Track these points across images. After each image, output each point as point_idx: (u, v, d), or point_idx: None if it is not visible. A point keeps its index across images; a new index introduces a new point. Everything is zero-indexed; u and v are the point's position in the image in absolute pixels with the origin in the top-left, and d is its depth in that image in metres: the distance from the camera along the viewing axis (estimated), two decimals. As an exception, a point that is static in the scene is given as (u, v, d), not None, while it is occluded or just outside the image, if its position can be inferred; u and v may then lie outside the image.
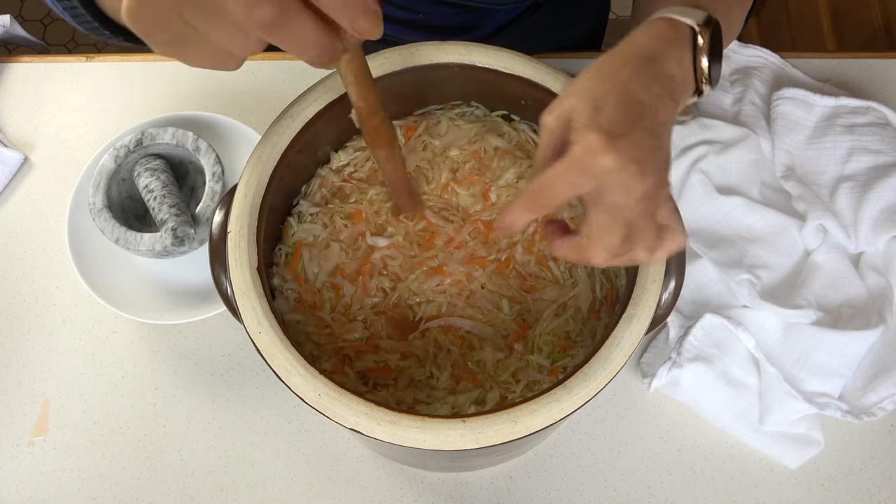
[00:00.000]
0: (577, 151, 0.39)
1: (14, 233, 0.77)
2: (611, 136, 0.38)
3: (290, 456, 0.68)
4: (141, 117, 0.81)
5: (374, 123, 0.47)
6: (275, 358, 0.45)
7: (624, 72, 0.41)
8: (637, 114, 0.40)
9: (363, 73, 0.44)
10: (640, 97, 0.41)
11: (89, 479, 0.68)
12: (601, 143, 0.38)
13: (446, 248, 0.55)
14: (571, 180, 0.39)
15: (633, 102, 0.40)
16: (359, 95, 0.45)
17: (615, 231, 0.40)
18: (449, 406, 0.50)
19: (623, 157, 0.38)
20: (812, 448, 0.66)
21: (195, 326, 0.72)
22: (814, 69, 0.82)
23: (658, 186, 0.40)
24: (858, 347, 0.66)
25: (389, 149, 0.50)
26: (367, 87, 0.45)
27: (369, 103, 0.46)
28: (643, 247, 0.42)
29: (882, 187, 0.71)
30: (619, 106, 0.40)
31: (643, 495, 0.66)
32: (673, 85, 0.43)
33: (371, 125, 0.47)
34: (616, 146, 0.38)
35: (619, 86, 0.41)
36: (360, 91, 0.45)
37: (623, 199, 0.39)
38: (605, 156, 0.38)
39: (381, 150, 0.49)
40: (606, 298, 0.54)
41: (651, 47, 0.43)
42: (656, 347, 0.70)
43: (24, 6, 1.86)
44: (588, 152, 0.38)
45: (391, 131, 0.49)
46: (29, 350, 0.72)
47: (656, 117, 0.41)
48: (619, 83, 0.41)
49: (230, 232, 0.49)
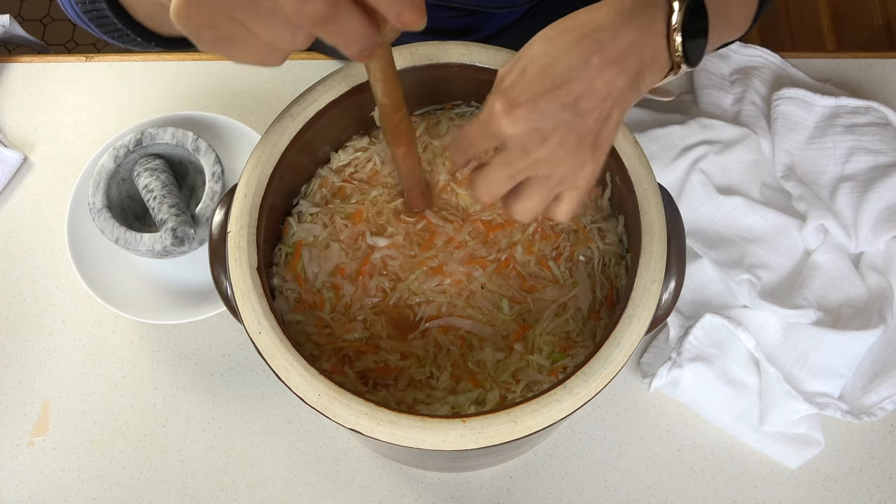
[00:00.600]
0: (484, 113, 0.43)
1: (14, 233, 0.77)
2: (511, 104, 0.41)
3: (290, 456, 0.68)
4: (141, 117, 0.81)
5: (396, 120, 0.48)
6: (275, 358, 0.45)
7: (565, 39, 0.43)
8: (555, 83, 0.41)
9: (391, 70, 0.44)
10: (568, 65, 0.42)
11: (89, 479, 0.68)
12: (501, 109, 0.41)
13: (446, 248, 0.55)
14: (479, 136, 0.43)
15: (556, 71, 0.42)
16: (384, 92, 0.45)
17: (503, 179, 0.43)
18: (449, 406, 0.50)
19: (522, 124, 0.41)
20: (812, 448, 0.66)
21: (195, 326, 0.72)
22: (814, 69, 0.82)
23: (559, 155, 0.42)
24: (858, 347, 0.66)
25: (408, 146, 0.50)
26: (393, 84, 0.45)
27: (394, 99, 0.46)
28: (523, 207, 0.44)
29: (882, 187, 0.71)
30: (540, 73, 0.42)
31: (643, 495, 0.66)
32: (625, 57, 0.43)
33: (393, 122, 0.48)
34: (514, 114, 0.41)
35: (551, 52, 0.42)
36: (386, 87, 0.45)
37: (517, 159, 0.42)
38: (503, 120, 0.41)
39: (401, 148, 0.50)
40: (607, 298, 0.54)
41: (608, 16, 0.44)
42: (656, 347, 0.70)
43: (24, 6, 1.86)
44: (491, 116, 0.42)
45: (412, 128, 0.49)
46: (29, 350, 0.72)
47: (584, 88, 0.41)
48: (553, 49, 0.42)
49: (230, 232, 0.49)
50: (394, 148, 0.50)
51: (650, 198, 0.50)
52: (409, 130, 0.49)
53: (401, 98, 0.46)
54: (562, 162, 0.42)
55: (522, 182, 0.44)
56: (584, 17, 0.44)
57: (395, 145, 0.50)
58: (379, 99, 0.46)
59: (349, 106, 0.54)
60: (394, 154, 0.51)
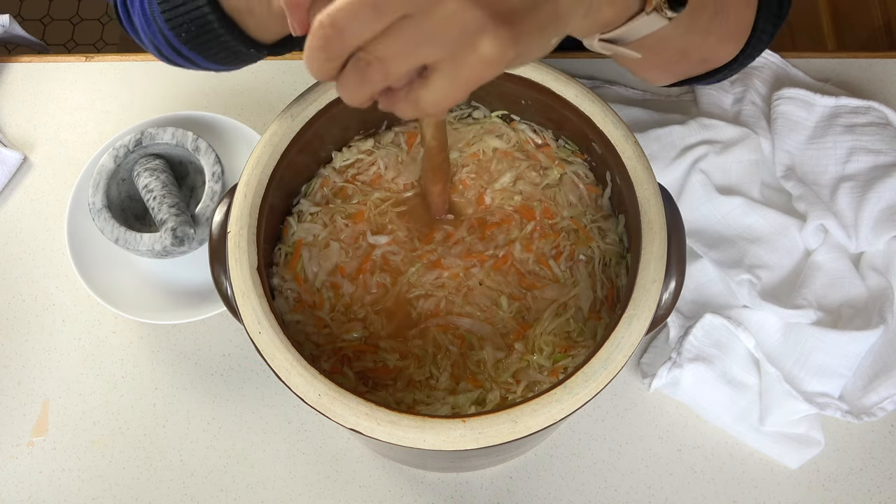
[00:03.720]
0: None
1: (14, 233, 0.77)
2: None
3: (290, 456, 0.68)
4: (141, 117, 0.81)
5: (440, 161, 0.49)
6: (275, 358, 0.45)
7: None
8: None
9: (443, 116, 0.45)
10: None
11: (89, 479, 0.68)
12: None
13: (445, 243, 0.55)
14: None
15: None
16: (433, 135, 0.46)
17: (347, 15, 0.30)
18: (449, 406, 0.50)
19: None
20: (812, 448, 0.66)
21: (195, 326, 0.72)
22: (814, 69, 0.82)
23: (444, 5, 0.30)
24: (858, 347, 0.66)
25: (445, 184, 0.52)
26: (442, 128, 0.46)
27: (440, 142, 0.47)
28: (358, 74, 0.32)
29: (882, 187, 0.71)
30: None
31: (643, 495, 0.66)
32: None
33: (436, 162, 0.49)
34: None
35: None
36: (436, 132, 0.46)
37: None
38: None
39: (438, 185, 0.52)
40: (607, 298, 0.54)
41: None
42: (656, 347, 0.70)
43: (24, 6, 1.86)
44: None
45: (450, 169, 0.51)
46: (29, 350, 0.72)
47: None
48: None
49: (230, 232, 0.49)
50: (432, 185, 0.52)
51: (650, 198, 0.50)
52: (449, 170, 0.50)
53: (446, 141, 0.47)
54: (450, 6, 0.30)
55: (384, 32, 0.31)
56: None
57: (433, 183, 0.52)
58: (427, 140, 0.47)
59: (349, 105, 0.54)
60: (430, 191, 0.53)
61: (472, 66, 0.31)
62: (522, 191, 0.57)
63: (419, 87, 0.32)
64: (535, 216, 0.56)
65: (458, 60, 0.31)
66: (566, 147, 0.58)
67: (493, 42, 0.31)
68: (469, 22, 0.30)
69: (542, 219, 0.56)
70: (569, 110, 0.53)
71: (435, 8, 0.30)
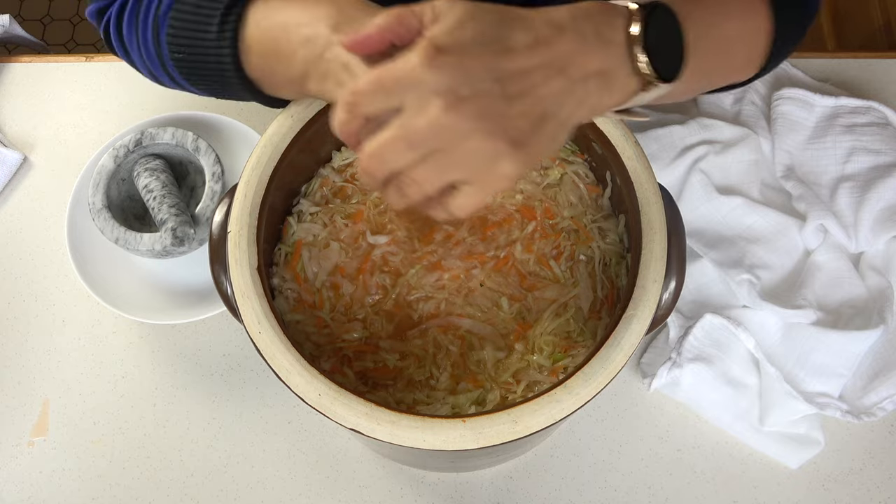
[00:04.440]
0: (399, 60, 0.36)
1: (14, 233, 0.77)
2: (438, 49, 0.35)
3: (290, 456, 0.68)
4: (141, 117, 0.81)
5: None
6: (275, 358, 0.45)
7: (516, 15, 0.38)
8: (492, 48, 0.36)
9: None
10: (512, 39, 0.37)
11: (89, 479, 0.68)
12: (425, 53, 0.35)
13: (445, 244, 0.55)
14: (380, 86, 0.36)
15: (497, 36, 0.37)
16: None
17: (399, 145, 0.36)
18: (449, 406, 0.50)
19: (440, 75, 0.35)
20: (812, 448, 0.66)
21: (195, 326, 0.72)
22: (814, 69, 0.82)
23: (469, 127, 0.36)
24: (858, 347, 0.66)
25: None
26: None
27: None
28: (398, 189, 0.38)
29: (882, 187, 0.71)
30: (480, 32, 0.36)
31: (643, 495, 0.66)
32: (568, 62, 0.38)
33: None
34: (438, 60, 0.35)
35: (501, 20, 0.37)
36: None
37: (419, 118, 0.36)
38: (421, 65, 0.35)
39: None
40: (607, 298, 0.54)
41: (562, 14, 0.39)
42: (656, 347, 0.70)
43: (24, 6, 1.86)
44: (406, 61, 0.36)
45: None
46: (29, 350, 0.72)
47: (520, 70, 0.37)
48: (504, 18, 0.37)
49: (230, 232, 0.49)
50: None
51: (650, 198, 0.50)
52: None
53: None
54: (470, 139, 0.36)
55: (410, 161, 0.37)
56: (543, 10, 0.39)
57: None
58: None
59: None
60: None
61: (493, 180, 0.38)
62: (523, 190, 0.57)
63: (450, 198, 0.39)
64: (536, 216, 0.56)
65: (482, 177, 0.37)
66: (566, 147, 0.58)
67: (510, 163, 0.37)
68: (489, 152, 0.36)
69: (543, 219, 0.56)
70: (569, 110, 0.53)
71: (461, 143, 0.36)
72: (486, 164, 0.37)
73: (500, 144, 0.36)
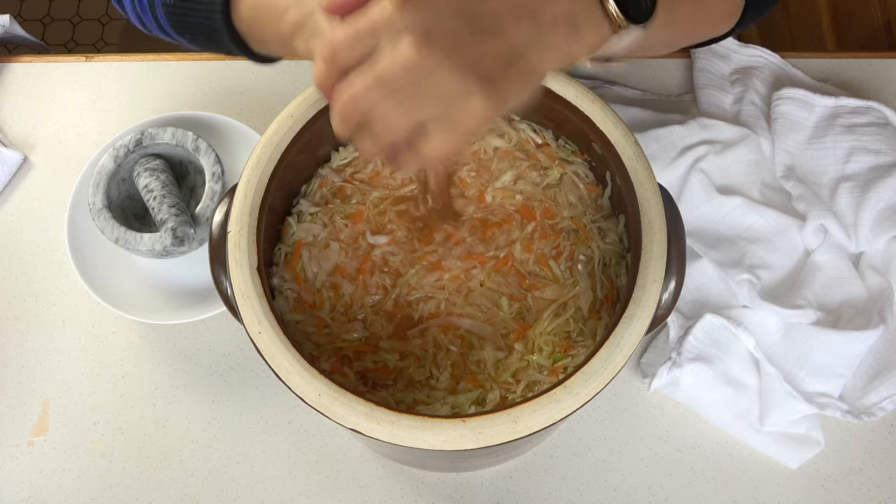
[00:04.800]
0: (370, 8, 0.37)
1: (14, 233, 0.77)
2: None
3: (290, 456, 0.68)
4: (141, 117, 0.81)
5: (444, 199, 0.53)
6: (275, 358, 0.45)
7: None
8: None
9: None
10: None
11: (89, 479, 0.68)
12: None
13: (445, 244, 0.55)
14: (355, 35, 0.37)
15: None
16: (434, 181, 0.51)
17: (370, 85, 0.37)
18: (449, 406, 0.50)
19: (411, 15, 0.36)
20: (812, 448, 0.66)
21: (195, 326, 0.72)
22: (814, 69, 0.82)
23: (439, 65, 0.36)
24: (858, 347, 0.66)
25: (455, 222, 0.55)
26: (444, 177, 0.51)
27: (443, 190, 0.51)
28: (370, 133, 0.38)
29: (882, 187, 0.71)
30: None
31: (643, 495, 0.66)
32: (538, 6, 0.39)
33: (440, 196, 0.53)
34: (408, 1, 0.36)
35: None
36: (437, 179, 0.51)
37: (387, 57, 0.36)
38: (392, 6, 0.36)
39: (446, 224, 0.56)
40: (607, 298, 0.54)
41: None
42: (656, 347, 0.70)
43: (24, 6, 1.86)
44: (378, 4, 0.36)
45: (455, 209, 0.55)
46: (29, 350, 0.72)
47: (490, 13, 0.37)
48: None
49: (230, 232, 0.49)
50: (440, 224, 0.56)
51: (650, 198, 0.50)
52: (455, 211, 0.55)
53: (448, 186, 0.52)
54: (438, 72, 0.36)
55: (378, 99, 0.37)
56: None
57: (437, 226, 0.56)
58: (431, 187, 0.52)
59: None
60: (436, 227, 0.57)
61: (463, 119, 0.37)
62: (523, 190, 0.57)
63: (421, 140, 0.38)
64: (536, 216, 0.56)
65: (451, 116, 0.37)
66: (566, 147, 0.58)
67: (479, 100, 0.37)
68: (457, 85, 0.36)
69: (543, 219, 0.56)
70: (569, 110, 0.53)
71: (429, 78, 0.36)
72: (456, 101, 0.37)
73: (469, 81, 0.36)
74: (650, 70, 0.82)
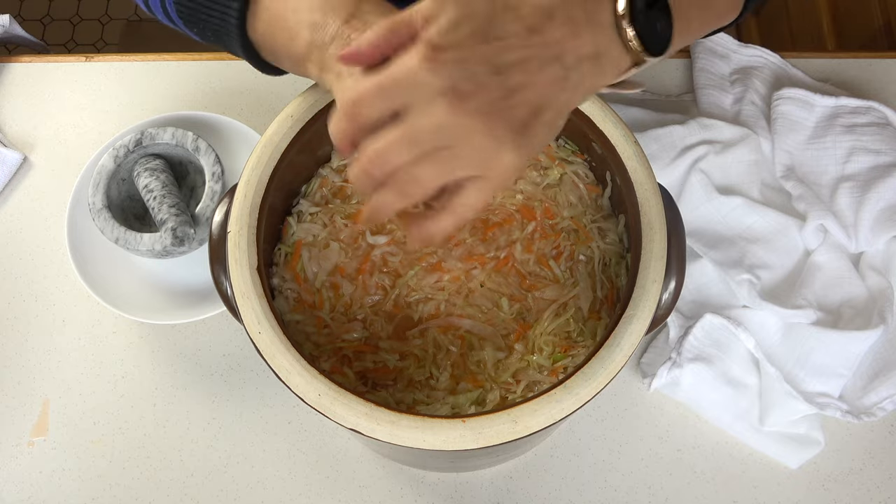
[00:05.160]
0: (395, 63, 0.37)
1: (14, 233, 0.77)
2: (436, 49, 0.35)
3: (290, 456, 0.68)
4: (141, 117, 0.81)
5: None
6: (275, 358, 0.45)
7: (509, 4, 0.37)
8: (489, 42, 0.36)
9: None
10: (506, 29, 0.37)
11: (89, 479, 0.68)
12: (424, 54, 0.35)
13: (445, 245, 0.55)
14: (379, 91, 0.37)
15: (494, 31, 0.36)
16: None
17: (401, 147, 0.37)
18: (449, 406, 0.50)
19: (441, 74, 0.35)
20: (812, 448, 0.66)
21: (195, 326, 0.72)
22: (814, 69, 0.82)
23: (473, 124, 0.36)
24: (858, 347, 0.66)
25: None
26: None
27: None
28: (413, 179, 0.37)
29: (882, 187, 0.71)
30: (475, 29, 0.36)
31: (643, 495, 0.66)
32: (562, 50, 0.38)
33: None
34: (438, 59, 0.35)
35: (492, 10, 0.37)
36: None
37: (420, 119, 0.36)
38: (421, 67, 0.35)
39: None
40: (607, 298, 0.54)
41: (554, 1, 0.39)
42: (656, 347, 0.70)
43: (24, 6, 1.86)
44: (404, 63, 0.36)
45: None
46: (29, 350, 0.72)
47: (519, 60, 0.37)
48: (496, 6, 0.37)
49: (230, 232, 0.49)
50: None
51: (650, 198, 0.50)
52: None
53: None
54: (474, 134, 0.36)
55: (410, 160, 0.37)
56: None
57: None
58: None
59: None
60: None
61: (497, 173, 0.37)
62: (523, 190, 0.57)
63: (455, 197, 0.38)
64: (536, 216, 0.56)
65: (485, 171, 0.37)
66: (566, 147, 0.58)
67: (513, 153, 0.37)
68: (493, 144, 0.36)
69: (543, 219, 0.56)
70: (569, 110, 0.53)
71: (468, 139, 0.36)
72: (490, 157, 0.37)
73: (503, 138, 0.37)
74: (650, 70, 0.82)
